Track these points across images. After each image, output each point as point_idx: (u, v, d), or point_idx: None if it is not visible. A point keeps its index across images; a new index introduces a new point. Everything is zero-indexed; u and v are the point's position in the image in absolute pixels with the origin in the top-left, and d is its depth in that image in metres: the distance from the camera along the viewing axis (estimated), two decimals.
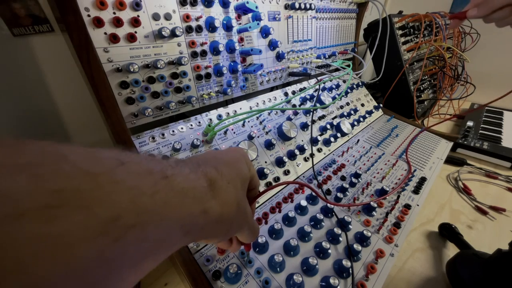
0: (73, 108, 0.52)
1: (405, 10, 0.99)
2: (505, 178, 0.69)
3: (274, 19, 0.59)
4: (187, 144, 0.45)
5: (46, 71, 0.46)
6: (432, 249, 0.50)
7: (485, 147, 0.78)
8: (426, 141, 0.75)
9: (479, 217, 0.57)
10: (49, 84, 0.48)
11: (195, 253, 0.38)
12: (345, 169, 0.59)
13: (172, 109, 0.44)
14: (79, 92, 0.51)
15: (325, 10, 0.73)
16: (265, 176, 0.50)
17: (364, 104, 0.86)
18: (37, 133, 0.49)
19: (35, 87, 0.46)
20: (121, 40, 0.37)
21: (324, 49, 0.78)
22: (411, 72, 0.93)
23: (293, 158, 0.56)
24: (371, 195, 0.53)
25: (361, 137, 0.73)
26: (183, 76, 0.45)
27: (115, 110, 0.38)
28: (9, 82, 0.44)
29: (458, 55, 1.05)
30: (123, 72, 0.38)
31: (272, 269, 0.37)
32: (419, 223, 0.55)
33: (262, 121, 0.57)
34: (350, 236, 0.43)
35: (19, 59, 0.43)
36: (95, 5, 0.34)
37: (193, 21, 0.44)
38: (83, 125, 0.54)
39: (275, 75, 0.64)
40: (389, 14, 0.86)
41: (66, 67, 0.48)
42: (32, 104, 0.47)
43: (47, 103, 0.48)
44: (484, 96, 1.15)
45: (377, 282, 0.38)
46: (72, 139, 0.53)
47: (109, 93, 0.37)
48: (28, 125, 0.47)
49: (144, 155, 0.21)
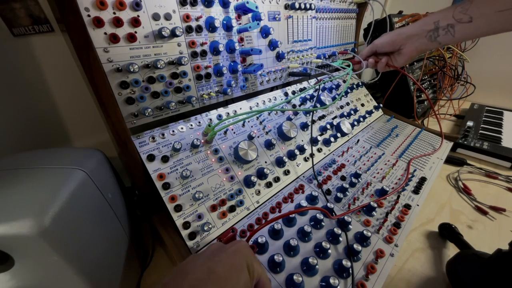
0: (73, 108, 0.52)
1: (405, 10, 0.99)
2: (505, 178, 0.69)
3: (274, 19, 0.59)
4: (187, 144, 0.45)
5: (46, 71, 0.46)
6: (432, 249, 0.49)
7: (485, 147, 0.78)
8: (426, 141, 0.75)
9: (479, 217, 0.57)
10: (49, 84, 0.48)
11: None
12: (345, 169, 0.59)
13: (172, 109, 0.44)
14: (79, 92, 0.51)
15: (325, 10, 0.73)
16: (265, 176, 0.50)
17: (364, 104, 0.86)
18: (37, 133, 0.49)
19: (35, 87, 0.46)
20: (121, 40, 0.37)
21: (324, 49, 0.78)
22: (411, 72, 0.93)
23: (293, 158, 0.56)
24: (371, 195, 0.53)
25: (361, 137, 0.73)
26: (183, 76, 0.45)
27: (115, 110, 0.38)
28: (9, 82, 0.44)
29: (458, 55, 1.05)
30: (123, 72, 0.38)
31: (272, 269, 0.37)
32: (419, 223, 0.55)
33: (262, 121, 0.57)
34: (350, 236, 0.43)
35: (19, 59, 0.43)
36: (95, 5, 0.34)
37: (193, 21, 0.44)
38: (83, 125, 0.54)
39: (275, 75, 0.64)
40: (389, 14, 0.86)
41: (66, 67, 0.48)
42: (32, 104, 0.47)
43: (47, 103, 0.48)
44: (484, 96, 1.15)
45: (377, 282, 0.38)
46: (72, 139, 0.53)
47: (109, 93, 0.37)
48: (28, 125, 0.47)
49: None
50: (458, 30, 0.47)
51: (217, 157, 0.47)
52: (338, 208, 0.49)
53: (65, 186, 0.28)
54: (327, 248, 0.39)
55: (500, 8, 0.41)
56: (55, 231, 0.25)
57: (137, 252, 0.42)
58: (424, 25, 0.52)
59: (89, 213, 0.31)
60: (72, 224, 0.28)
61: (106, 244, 0.34)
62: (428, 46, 0.53)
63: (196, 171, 0.44)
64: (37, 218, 0.24)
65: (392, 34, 0.59)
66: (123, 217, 0.39)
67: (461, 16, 0.45)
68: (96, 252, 0.31)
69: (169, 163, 0.42)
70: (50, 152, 0.36)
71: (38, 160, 0.33)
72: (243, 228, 0.42)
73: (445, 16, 0.48)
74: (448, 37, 0.49)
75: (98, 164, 0.36)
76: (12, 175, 0.29)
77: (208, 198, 0.43)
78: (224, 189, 0.45)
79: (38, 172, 0.30)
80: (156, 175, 0.40)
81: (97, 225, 0.33)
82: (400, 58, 0.59)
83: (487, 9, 0.42)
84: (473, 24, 0.44)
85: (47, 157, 0.34)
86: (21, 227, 0.23)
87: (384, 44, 0.60)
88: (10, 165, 0.31)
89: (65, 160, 0.33)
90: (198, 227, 0.40)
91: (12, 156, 0.34)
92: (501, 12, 0.41)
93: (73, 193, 0.28)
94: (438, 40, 0.51)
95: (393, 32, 0.59)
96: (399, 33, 0.57)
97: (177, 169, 0.43)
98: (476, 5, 0.44)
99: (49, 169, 0.31)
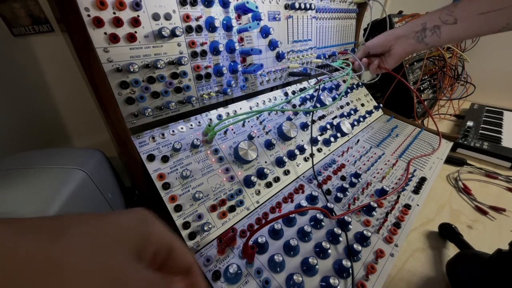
0: (73, 108, 0.52)
1: (405, 10, 0.99)
2: (505, 178, 0.69)
3: (274, 19, 0.59)
4: (187, 144, 0.45)
5: (46, 71, 0.46)
6: (432, 249, 0.49)
7: (485, 147, 0.78)
8: (426, 141, 0.75)
9: (479, 217, 0.57)
10: (49, 84, 0.48)
11: (195, 253, 0.38)
12: (345, 169, 0.59)
13: (172, 109, 0.44)
14: (79, 92, 0.51)
15: (325, 10, 0.73)
16: (265, 176, 0.50)
17: (364, 104, 0.86)
18: (37, 132, 0.49)
19: (35, 87, 0.46)
20: (121, 40, 0.37)
21: (324, 49, 0.78)
22: (411, 72, 0.93)
23: (293, 158, 0.56)
24: (371, 195, 0.53)
25: (361, 137, 0.73)
26: (183, 76, 0.45)
27: (115, 110, 0.38)
28: (9, 82, 0.44)
29: (458, 55, 1.05)
30: (123, 72, 0.38)
31: (272, 269, 0.37)
32: (419, 223, 0.55)
33: (262, 121, 0.57)
34: (350, 236, 0.43)
35: (19, 59, 0.43)
36: (95, 5, 0.34)
37: (193, 21, 0.44)
38: (83, 125, 0.54)
39: (275, 75, 0.64)
40: (389, 14, 0.86)
41: (66, 67, 0.48)
42: (32, 104, 0.47)
43: (47, 103, 0.48)
44: (484, 96, 1.15)
45: (377, 282, 0.38)
46: (72, 139, 0.53)
47: (109, 93, 0.37)
48: (28, 125, 0.47)
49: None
50: (443, 31, 0.48)
51: (217, 157, 0.47)
52: (338, 208, 0.49)
53: (65, 186, 0.28)
54: (327, 248, 0.39)
55: (482, 11, 0.42)
56: None
57: None
58: (412, 27, 0.54)
59: None
60: None
61: None
62: (416, 47, 0.55)
63: (196, 171, 0.44)
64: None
65: (383, 35, 0.60)
66: None
67: (447, 18, 0.47)
68: None
69: (169, 163, 0.42)
70: (50, 152, 0.36)
71: (38, 160, 0.33)
72: (243, 228, 0.42)
73: (432, 18, 0.50)
74: (434, 38, 0.50)
75: (98, 164, 0.36)
76: (12, 175, 0.29)
77: (208, 198, 0.43)
78: (224, 189, 0.45)
79: (38, 172, 0.30)
80: (156, 175, 0.40)
81: None
82: (390, 60, 0.60)
83: (470, 11, 0.44)
84: (458, 26, 0.46)
85: (47, 157, 0.34)
86: None
87: (375, 45, 0.62)
88: (11, 165, 0.31)
89: (65, 160, 0.33)
90: (198, 227, 0.40)
91: (12, 156, 0.34)
92: (483, 15, 0.42)
93: (73, 193, 0.29)
94: (425, 41, 0.52)
95: (385, 33, 0.61)
96: (390, 34, 0.59)
97: (177, 169, 0.43)
98: (461, 7, 0.45)
99: (49, 169, 0.31)
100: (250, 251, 0.35)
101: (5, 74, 0.43)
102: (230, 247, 0.39)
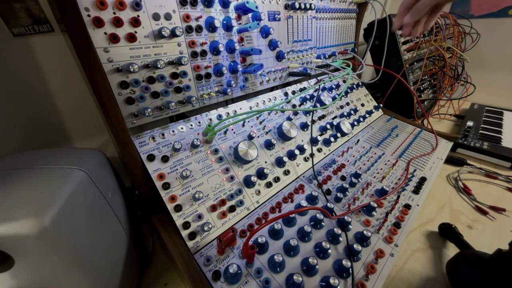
0: (73, 108, 0.52)
1: None
2: (505, 178, 0.69)
3: (274, 19, 0.59)
4: (187, 144, 0.45)
5: (46, 71, 0.46)
6: (432, 249, 0.49)
7: (485, 147, 0.78)
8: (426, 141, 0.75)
9: (479, 217, 0.57)
10: (49, 84, 0.47)
11: (195, 253, 0.38)
12: (345, 169, 0.59)
13: (172, 109, 0.44)
14: (79, 92, 0.51)
15: (325, 10, 0.73)
16: (265, 176, 0.50)
17: (364, 104, 0.86)
18: (37, 132, 0.49)
19: (35, 87, 0.46)
20: (121, 40, 0.37)
21: (324, 49, 0.78)
22: (411, 72, 0.93)
23: (293, 158, 0.56)
24: (371, 195, 0.53)
25: (361, 137, 0.73)
26: (183, 76, 0.45)
27: (115, 110, 0.38)
28: (9, 82, 0.44)
29: (458, 55, 1.05)
30: (123, 72, 0.38)
31: (272, 269, 0.37)
32: (419, 223, 0.55)
33: (262, 121, 0.57)
34: (350, 236, 0.43)
35: (19, 59, 0.43)
36: (95, 5, 0.34)
37: (193, 21, 0.44)
38: (83, 125, 0.54)
39: (275, 75, 0.64)
40: (389, 14, 0.86)
41: (66, 67, 0.48)
42: (31, 104, 0.47)
43: (47, 103, 0.48)
44: (484, 96, 1.15)
45: (377, 282, 0.38)
46: (72, 139, 0.53)
47: (109, 93, 0.37)
48: (28, 125, 0.47)
49: None
50: None
51: (217, 157, 0.47)
52: (338, 208, 0.49)
53: (65, 186, 0.28)
54: (327, 248, 0.39)
55: None
56: (55, 231, 0.25)
57: (137, 252, 0.42)
58: None
59: (89, 213, 0.31)
60: (72, 224, 0.28)
61: (106, 244, 0.34)
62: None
63: (196, 171, 0.44)
64: (37, 218, 0.24)
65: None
66: (123, 217, 0.39)
67: None
68: (96, 252, 0.31)
69: (169, 163, 0.42)
70: (50, 152, 0.36)
71: (38, 160, 0.33)
72: (243, 228, 0.43)
73: None
74: None
75: (98, 164, 0.36)
76: (12, 175, 0.29)
77: (208, 198, 0.43)
78: (224, 189, 0.45)
79: (38, 172, 0.30)
80: (156, 175, 0.40)
81: (97, 225, 0.33)
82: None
83: None
84: None
85: (47, 157, 0.34)
86: (21, 227, 0.23)
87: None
88: (10, 165, 0.31)
89: (65, 160, 0.33)
90: (198, 227, 0.40)
91: (12, 156, 0.34)
92: None
93: (73, 193, 0.28)
94: None
95: None
96: None
97: (177, 169, 0.43)
98: None
99: (49, 169, 0.31)
100: (250, 251, 0.35)
101: (5, 74, 0.43)
102: (230, 247, 0.39)
